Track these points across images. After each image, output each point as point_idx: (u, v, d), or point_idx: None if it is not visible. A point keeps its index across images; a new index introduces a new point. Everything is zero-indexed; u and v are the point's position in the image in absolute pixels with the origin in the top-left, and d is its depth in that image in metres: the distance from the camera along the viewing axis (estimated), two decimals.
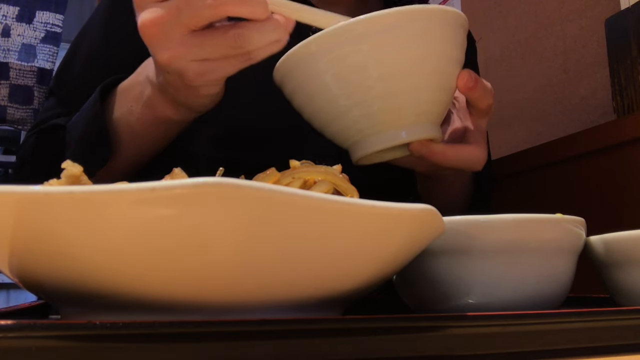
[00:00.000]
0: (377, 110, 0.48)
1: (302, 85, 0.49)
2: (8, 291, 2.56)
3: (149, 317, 0.26)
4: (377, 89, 0.47)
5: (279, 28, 0.44)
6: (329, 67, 0.47)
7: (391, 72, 0.47)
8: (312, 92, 0.49)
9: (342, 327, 0.26)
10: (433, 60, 0.48)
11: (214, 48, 0.44)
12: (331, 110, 0.49)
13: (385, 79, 0.47)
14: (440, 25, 0.47)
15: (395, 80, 0.47)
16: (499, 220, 0.38)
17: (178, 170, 0.32)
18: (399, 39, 0.46)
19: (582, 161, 0.99)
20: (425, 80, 0.48)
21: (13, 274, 0.29)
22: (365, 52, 0.46)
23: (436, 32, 0.47)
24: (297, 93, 0.51)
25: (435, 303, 0.40)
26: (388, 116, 0.48)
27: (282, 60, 0.49)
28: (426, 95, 0.48)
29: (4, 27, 1.92)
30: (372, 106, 0.47)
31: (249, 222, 0.24)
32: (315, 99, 0.49)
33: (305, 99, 0.50)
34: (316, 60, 0.47)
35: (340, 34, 0.45)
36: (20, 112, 1.93)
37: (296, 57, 0.48)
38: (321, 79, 0.47)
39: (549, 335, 0.31)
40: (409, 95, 0.48)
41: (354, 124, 0.49)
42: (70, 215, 0.24)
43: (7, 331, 0.21)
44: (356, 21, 0.45)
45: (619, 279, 0.43)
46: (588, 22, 1.26)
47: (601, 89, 1.21)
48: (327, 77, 0.47)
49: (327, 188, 0.34)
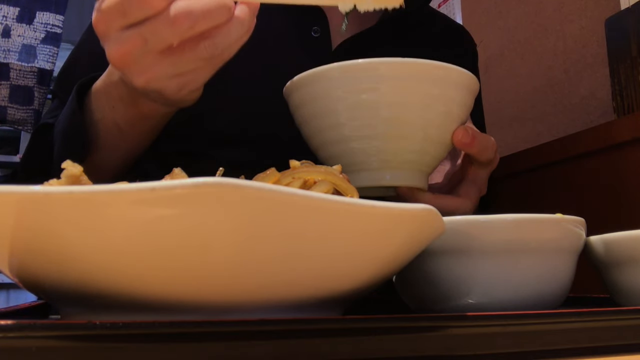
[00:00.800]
0: (374, 148, 0.50)
1: (311, 103, 0.50)
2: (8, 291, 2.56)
3: (149, 317, 0.26)
4: (380, 128, 0.49)
5: (244, 22, 0.44)
6: (344, 96, 0.48)
7: (396, 118, 0.48)
8: (319, 112, 0.50)
9: (342, 327, 0.26)
10: (436, 115, 0.49)
11: (187, 63, 0.45)
12: (332, 135, 0.50)
13: (390, 122, 0.48)
14: (454, 85, 0.50)
15: (396, 127, 0.49)
16: (499, 220, 0.38)
17: (178, 170, 0.32)
18: (414, 89, 0.48)
19: (582, 161, 0.99)
20: (423, 132, 0.50)
21: (13, 274, 0.29)
22: (381, 93, 0.48)
23: (448, 91, 0.49)
24: (303, 108, 0.52)
25: (435, 303, 0.40)
26: (381, 156, 0.50)
27: (300, 76, 0.50)
28: (419, 145, 0.50)
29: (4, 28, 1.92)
30: (370, 143, 0.49)
31: (249, 222, 0.24)
32: (320, 120, 0.50)
33: (309, 116, 0.51)
34: (333, 86, 0.48)
35: (364, 70, 0.47)
36: (20, 112, 1.93)
37: (314, 77, 0.49)
38: (333, 103, 0.49)
39: (549, 335, 0.31)
40: (404, 142, 0.50)
41: (348, 154, 0.50)
42: (70, 215, 0.24)
43: (7, 331, 0.21)
44: (380, 62, 0.47)
45: (619, 279, 0.43)
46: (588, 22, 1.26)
47: (601, 89, 1.21)
48: (339, 104, 0.49)
49: (327, 188, 0.34)
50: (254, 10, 0.45)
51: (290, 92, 0.52)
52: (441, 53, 0.81)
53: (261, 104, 0.67)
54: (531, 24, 1.42)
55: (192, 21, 0.42)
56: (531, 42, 1.42)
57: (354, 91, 0.48)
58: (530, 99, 1.40)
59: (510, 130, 1.44)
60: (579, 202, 0.99)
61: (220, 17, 0.43)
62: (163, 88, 0.47)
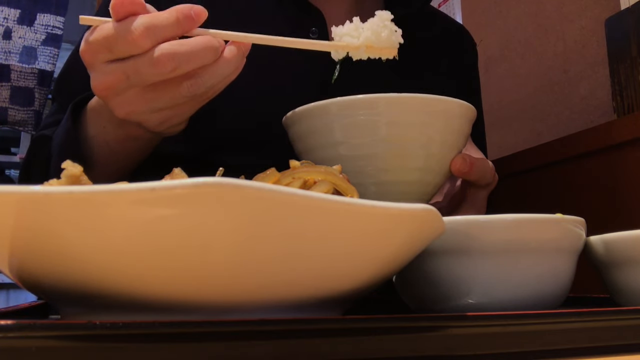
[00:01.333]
0: (372, 183, 0.50)
1: (310, 136, 0.51)
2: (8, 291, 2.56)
3: (149, 317, 0.26)
4: (379, 162, 0.49)
5: (231, 63, 0.44)
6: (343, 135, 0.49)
7: (396, 151, 0.49)
8: (318, 146, 0.51)
9: (342, 327, 0.26)
10: (435, 146, 0.50)
11: (169, 100, 0.45)
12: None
13: (389, 155, 0.49)
14: (453, 116, 0.50)
15: (396, 160, 0.49)
16: (499, 220, 0.38)
17: (178, 170, 0.32)
18: (413, 123, 0.48)
19: (582, 161, 0.99)
20: (423, 164, 0.50)
21: (13, 274, 0.29)
22: (379, 127, 0.48)
23: (447, 122, 0.50)
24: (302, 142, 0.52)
25: (435, 303, 0.40)
26: (380, 189, 0.50)
27: (299, 109, 0.51)
28: (418, 176, 0.51)
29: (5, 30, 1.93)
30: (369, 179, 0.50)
31: (249, 222, 0.24)
32: (318, 152, 0.51)
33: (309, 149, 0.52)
34: (330, 116, 0.49)
35: (361, 107, 0.48)
36: (21, 113, 1.93)
37: (313, 111, 0.50)
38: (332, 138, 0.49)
39: (549, 335, 0.31)
40: (403, 174, 0.50)
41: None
42: (70, 215, 0.24)
43: (7, 331, 0.21)
44: (378, 98, 0.48)
45: (619, 279, 0.43)
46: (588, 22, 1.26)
47: (601, 89, 1.21)
48: (336, 135, 0.49)
49: (327, 188, 0.34)
50: (245, 51, 0.45)
51: (289, 125, 0.53)
52: (441, 54, 0.81)
53: (259, 106, 0.67)
54: (531, 24, 1.42)
55: (176, 63, 0.42)
56: (531, 42, 1.42)
57: (352, 118, 0.48)
58: (530, 99, 1.40)
59: (510, 130, 1.44)
60: (579, 202, 0.99)
61: (206, 59, 0.43)
62: (144, 121, 0.47)
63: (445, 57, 0.81)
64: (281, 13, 0.70)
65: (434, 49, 0.80)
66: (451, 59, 0.82)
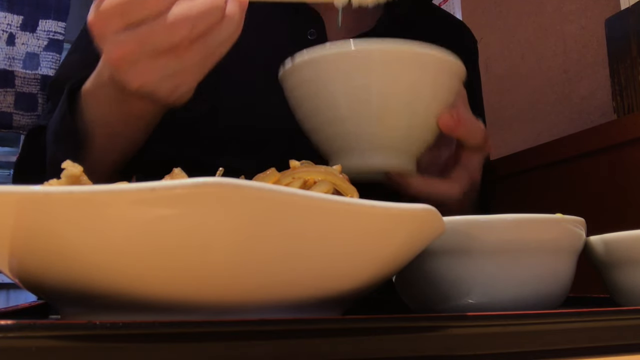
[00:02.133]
0: (362, 129, 0.50)
1: (306, 84, 0.51)
2: (8, 291, 2.56)
3: (149, 317, 0.26)
4: (370, 110, 0.50)
5: (234, 20, 0.44)
6: (339, 77, 0.49)
7: (386, 101, 0.49)
8: (313, 93, 0.51)
9: (342, 327, 0.26)
10: (422, 98, 0.50)
11: (181, 65, 0.45)
12: (325, 116, 0.51)
13: (379, 105, 0.50)
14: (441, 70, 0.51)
15: (386, 110, 0.50)
16: (499, 220, 0.37)
17: (178, 170, 0.32)
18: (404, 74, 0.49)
19: (582, 161, 0.99)
20: (410, 115, 0.51)
21: (13, 274, 0.29)
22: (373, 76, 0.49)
23: (439, 80, 0.51)
24: (299, 90, 0.52)
25: (435, 303, 0.40)
26: (371, 139, 0.51)
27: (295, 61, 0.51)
28: (405, 129, 0.51)
29: (9, 36, 1.94)
30: (360, 125, 0.50)
31: (249, 222, 0.24)
32: (313, 101, 0.51)
33: (303, 98, 0.52)
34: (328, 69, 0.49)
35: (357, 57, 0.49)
36: (25, 118, 1.95)
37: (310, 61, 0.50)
38: (327, 85, 0.50)
39: (549, 335, 0.31)
40: (391, 124, 0.50)
41: (340, 136, 0.51)
42: (70, 215, 0.24)
43: (7, 331, 0.21)
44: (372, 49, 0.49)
45: (619, 279, 0.43)
46: (588, 22, 1.26)
47: (601, 89, 1.21)
48: (333, 85, 0.49)
49: (327, 188, 0.34)
50: (244, 8, 0.45)
51: (286, 74, 0.53)
52: None
53: (258, 108, 0.67)
54: (531, 24, 1.42)
55: (191, 25, 0.42)
56: (531, 42, 1.42)
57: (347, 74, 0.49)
58: (530, 99, 1.40)
59: (510, 130, 1.44)
60: (579, 202, 0.99)
61: (213, 18, 0.43)
62: (156, 90, 0.47)
63: None
64: (279, 15, 0.70)
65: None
66: None
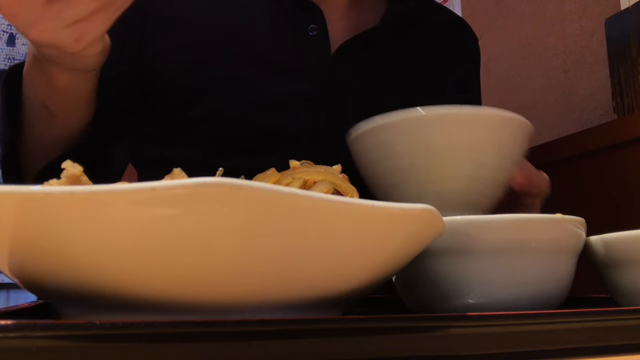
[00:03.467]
0: (437, 190, 0.49)
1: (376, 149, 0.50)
2: (8, 291, 2.56)
3: (149, 317, 0.26)
4: (447, 172, 0.48)
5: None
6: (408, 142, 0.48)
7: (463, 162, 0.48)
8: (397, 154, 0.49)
9: (342, 327, 0.26)
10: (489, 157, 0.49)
11: (77, 11, 0.43)
12: (405, 176, 0.49)
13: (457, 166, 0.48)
14: (520, 134, 0.52)
15: (464, 169, 0.48)
16: (499, 220, 0.38)
17: (178, 170, 0.32)
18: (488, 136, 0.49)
19: (582, 161, 0.99)
20: (487, 175, 0.50)
21: (13, 274, 0.29)
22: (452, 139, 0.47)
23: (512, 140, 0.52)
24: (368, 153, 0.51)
25: (435, 303, 0.40)
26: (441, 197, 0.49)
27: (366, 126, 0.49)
28: (482, 187, 0.50)
29: (9, 36, 1.94)
30: (437, 184, 0.48)
31: (249, 222, 0.24)
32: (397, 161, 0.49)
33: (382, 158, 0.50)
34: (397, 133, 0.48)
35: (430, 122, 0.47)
36: None
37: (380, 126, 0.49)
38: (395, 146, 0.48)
39: (549, 335, 0.31)
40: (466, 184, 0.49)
41: (416, 195, 0.49)
42: (71, 215, 0.24)
43: (7, 331, 0.21)
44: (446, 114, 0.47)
45: (619, 279, 0.43)
46: (588, 22, 1.26)
47: (601, 89, 1.21)
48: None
49: (327, 188, 0.34)
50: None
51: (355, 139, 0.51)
52: (443, 47, 0.81)
53: (259, 106, 0.67)
54: (531, 24, 1.42)
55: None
56: (531, 42, 1.42)
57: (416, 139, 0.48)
58: (530, 99, 1.40)
59: None
60: (579, 202, 0.99)
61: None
62: (57, 40, 0.45)
63: (446, 50, 0.81)
64: (279, 10, 0.70)
65: (434, 45, 0.80)
66: (453, 52, 0.82)
